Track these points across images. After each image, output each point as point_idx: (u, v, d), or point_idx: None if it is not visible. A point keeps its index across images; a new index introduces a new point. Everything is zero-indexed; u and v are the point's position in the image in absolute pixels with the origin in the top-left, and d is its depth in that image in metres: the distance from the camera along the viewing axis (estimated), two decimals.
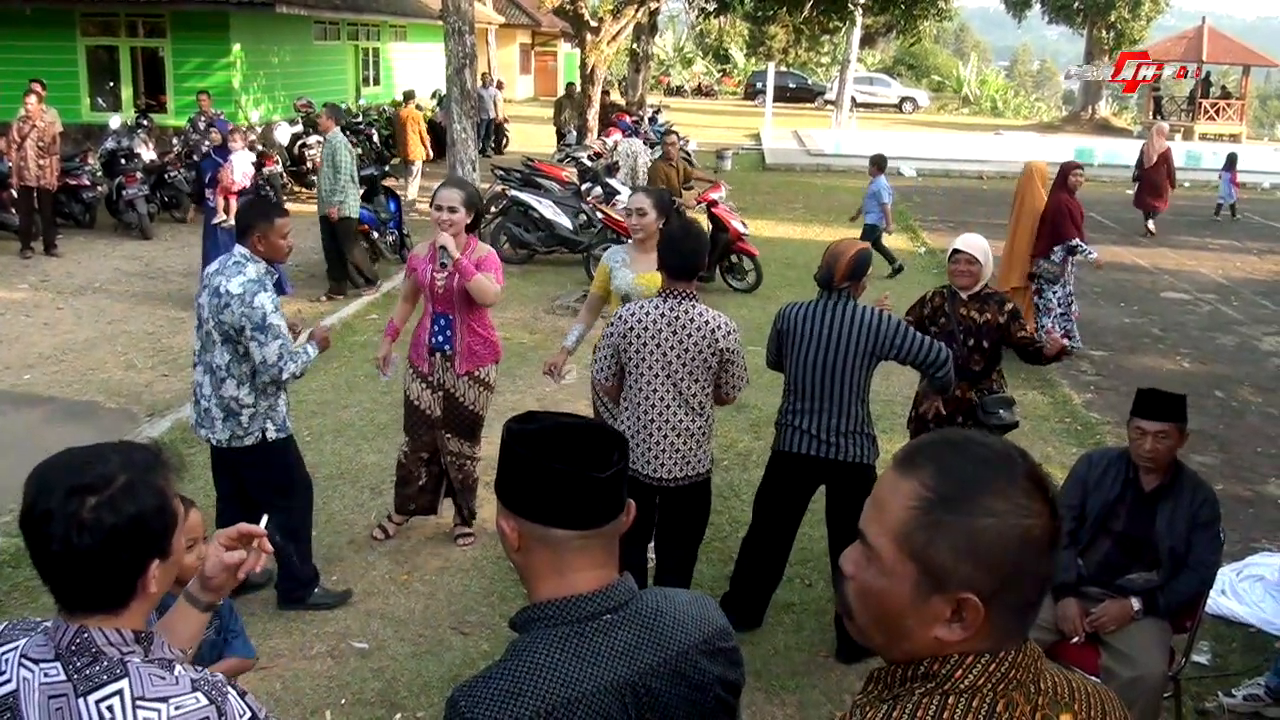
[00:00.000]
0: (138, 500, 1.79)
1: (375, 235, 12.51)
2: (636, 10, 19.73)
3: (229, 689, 1.84)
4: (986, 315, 5.46)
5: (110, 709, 1.75)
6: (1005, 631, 1.40)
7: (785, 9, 24.28)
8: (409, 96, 20.24)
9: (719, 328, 4.54)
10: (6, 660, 1.84)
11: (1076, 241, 9.67)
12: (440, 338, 5.75)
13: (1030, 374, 9.70)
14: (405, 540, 6.03)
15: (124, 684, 1.77)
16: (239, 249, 4.90)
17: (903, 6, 22.06)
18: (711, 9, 24.75)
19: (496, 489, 1.84)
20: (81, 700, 1.75)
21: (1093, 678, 4.06)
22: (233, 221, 9.61)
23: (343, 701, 4.57)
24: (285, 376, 4.88)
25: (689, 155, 20.63)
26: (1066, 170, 9.89)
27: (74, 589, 1.80)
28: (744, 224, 12.49)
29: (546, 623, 1.77)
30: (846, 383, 4.73)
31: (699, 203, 12.43)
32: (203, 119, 16.01)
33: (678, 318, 4.50)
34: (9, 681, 1.82)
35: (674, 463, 4.62)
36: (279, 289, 5.53)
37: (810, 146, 29.28)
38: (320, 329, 5.33)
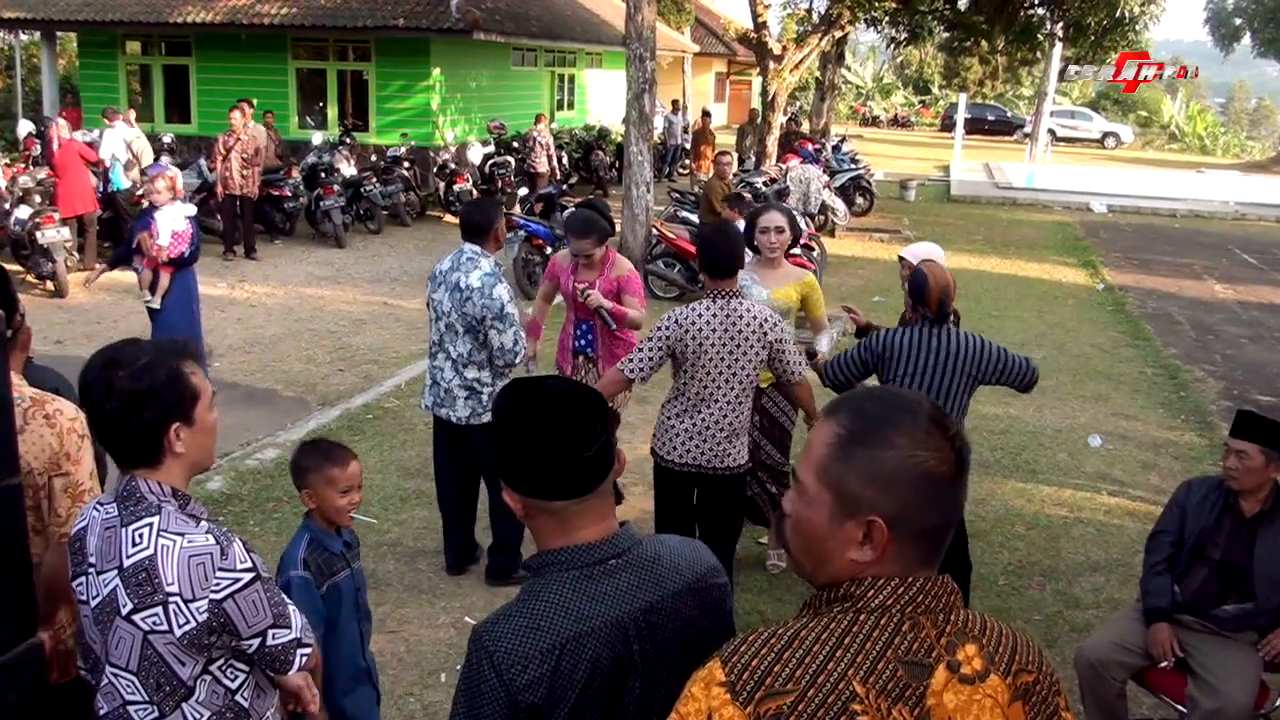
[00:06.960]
0: (154, 373, 2.31)
1: (549, 251, 13.04)
2: (820, 39, 19.85)
3: (238, 540, 2.36)
4: None
5: (141, 535, 2.30)
6: (911, 558, 1.60)
7: (977, 40, 23.98)
8: (706, 114, 22.15)
9: (765, 320, 4.73)
10: (87, 507, 2.48)
11: None
12: (583, 341, 6.18)
13: (1190, 415, 9.45)
14: None
15: (155, 519, 2.32)
16: (470, 246, 5.33)
17: (1093, 38, 21.52)
18: (902, 38, 24.65)
19: (498, 463, 2.02)
20: (124, 529, 2.32)
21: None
22: (158, 304, 8.02)
23: (459, 667, 4.91)
24: (519, 360, 5.39)
25: (869, 185, 20.68)
26: None
27: (119, 446, 2.35)
28: None
29: (558, 567, 1.97)
30: (952, 408, 4.83)
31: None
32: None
33: (728, 316, 4.68)
34: (84, 520, 2.43)
35: (715, 455, 4.79)
36: None
37: (999, 179, 28.74)
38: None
